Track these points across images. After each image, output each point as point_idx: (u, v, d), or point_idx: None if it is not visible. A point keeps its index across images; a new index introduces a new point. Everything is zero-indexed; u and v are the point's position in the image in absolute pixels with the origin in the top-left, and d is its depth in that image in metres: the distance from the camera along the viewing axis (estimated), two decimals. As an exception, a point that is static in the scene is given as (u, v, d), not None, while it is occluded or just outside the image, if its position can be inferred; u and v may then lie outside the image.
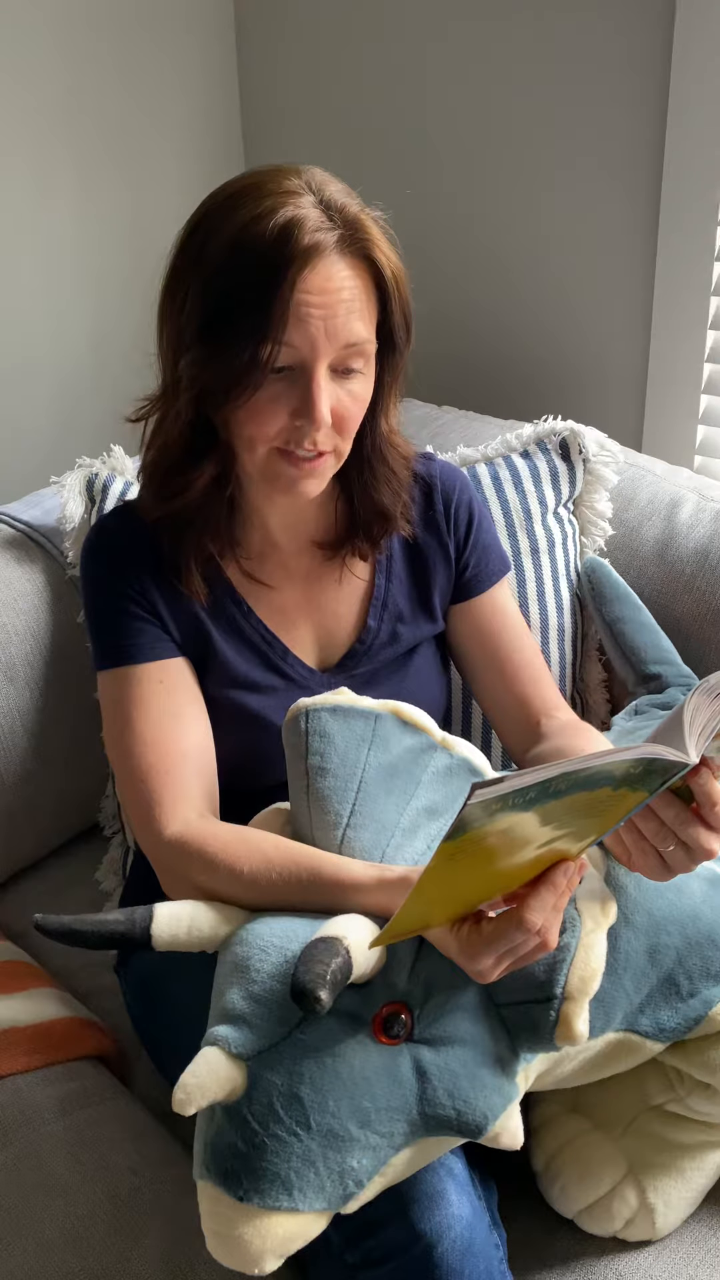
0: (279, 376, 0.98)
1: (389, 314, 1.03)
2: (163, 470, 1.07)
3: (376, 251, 0.99)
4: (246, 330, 0.95)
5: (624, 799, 0.76)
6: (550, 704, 1.16)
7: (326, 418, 0.99)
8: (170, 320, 1.02)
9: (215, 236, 0.97)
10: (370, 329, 1.01)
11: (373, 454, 1.11)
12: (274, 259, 0.94)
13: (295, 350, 0.97)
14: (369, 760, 0.94)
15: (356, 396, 1.02)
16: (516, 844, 0.73)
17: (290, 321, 0.95)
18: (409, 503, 1.17)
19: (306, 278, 0.95)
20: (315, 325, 0.96)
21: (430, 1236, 0.84)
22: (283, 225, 0.94)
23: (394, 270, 1.01)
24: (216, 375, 0.98)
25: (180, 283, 1.00)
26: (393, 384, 1.08)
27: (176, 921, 0.88)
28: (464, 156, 1.75)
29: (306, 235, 0.94)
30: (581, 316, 1.72)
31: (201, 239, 0.99)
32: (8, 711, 1.38)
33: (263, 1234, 0.79)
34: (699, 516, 1.43)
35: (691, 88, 1.48)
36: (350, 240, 0.97)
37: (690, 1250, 1.04)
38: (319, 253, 0.95)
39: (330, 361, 0.98)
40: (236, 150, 2.02)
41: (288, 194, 0.96)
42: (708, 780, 0.82)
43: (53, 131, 1.75)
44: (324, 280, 0.95)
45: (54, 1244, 0.97)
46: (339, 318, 0.96)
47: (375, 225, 1.00)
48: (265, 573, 1.14)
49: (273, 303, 0.94)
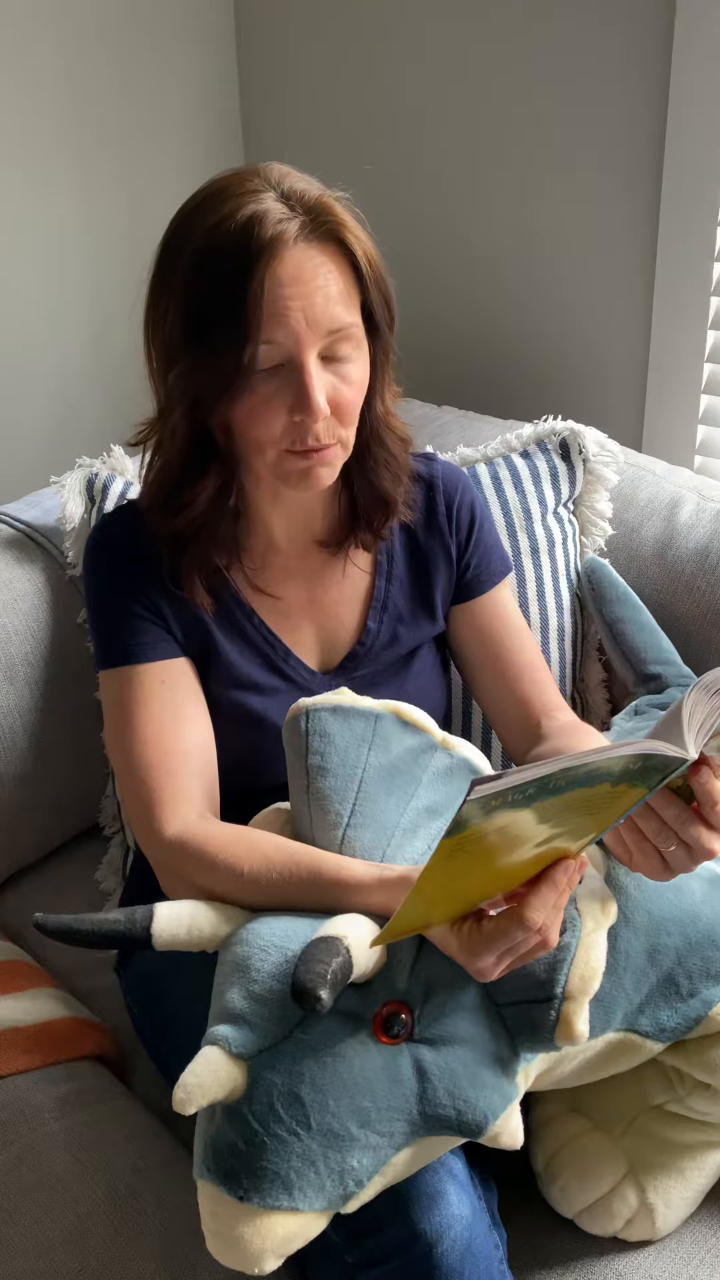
0: (271, 375, 0.98)
1: (367, 294, 1.01)
2: (167, 488, 1.06)
3: (345, 233, 0.98)
4: (227, 335, 0.95)
5: (623, 796, 0.76)
6: (551, 705, 1.16)
7: (324, 408, 0.98)
8: (156, 338, 1.02)
9: (184, 250, 0.97)
10: (354, 312, 1.00)
11: (371, 438, 1.10)
12: (240, 258, 0.94)
13: (280, 347, 0.96)
14: (369, 760, 0.94)
15: (352, 382, 1.01)
16: (515, 842, 0.73)
17: (268, 319, 0.94)
18: (410, 487, 1.16)
19: (276, 271, 0.94)
20: (295, 318, 0.95)
21: (430, 1236, 0.84)
22: (243, 223, 0.94)
23: (365, 250, 1.00)
24: (205, 384, 0.98)
25: (159, 299, 1.00)
26: (384, 365, 1.07)
27: (177, 921, 0.88)
28: (464, 156, 1.75)
29: (269, 229, 0.94)
30: (581, 316, 1.72)
31: (172, 256, 0.99)
32: (8, 711, 1.38)
33: (263, 1233, 0.79)
34: (699, 516, 1.43)
35: (691, 88, 1.48)
36: (315, 225, 0.96)
37: (690, 1250, 1.04)
38: (284, 243, 0.94)
39: (318, 351, 0.97)
40: (236, 151, 2.02)
41: (248, 194, 0.96)
42: (709, 779, 0.82)
43: (53, 131, 1.75)
44: (295, 270, 0.95)
45: (54, 1244, 0.97)
46: (317, 306, 0.96)
47: (339, 206, 0.99)
48: (268, 576, 1.14)
49: (246, 303, 0.94)
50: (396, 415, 1.13)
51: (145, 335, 1.03)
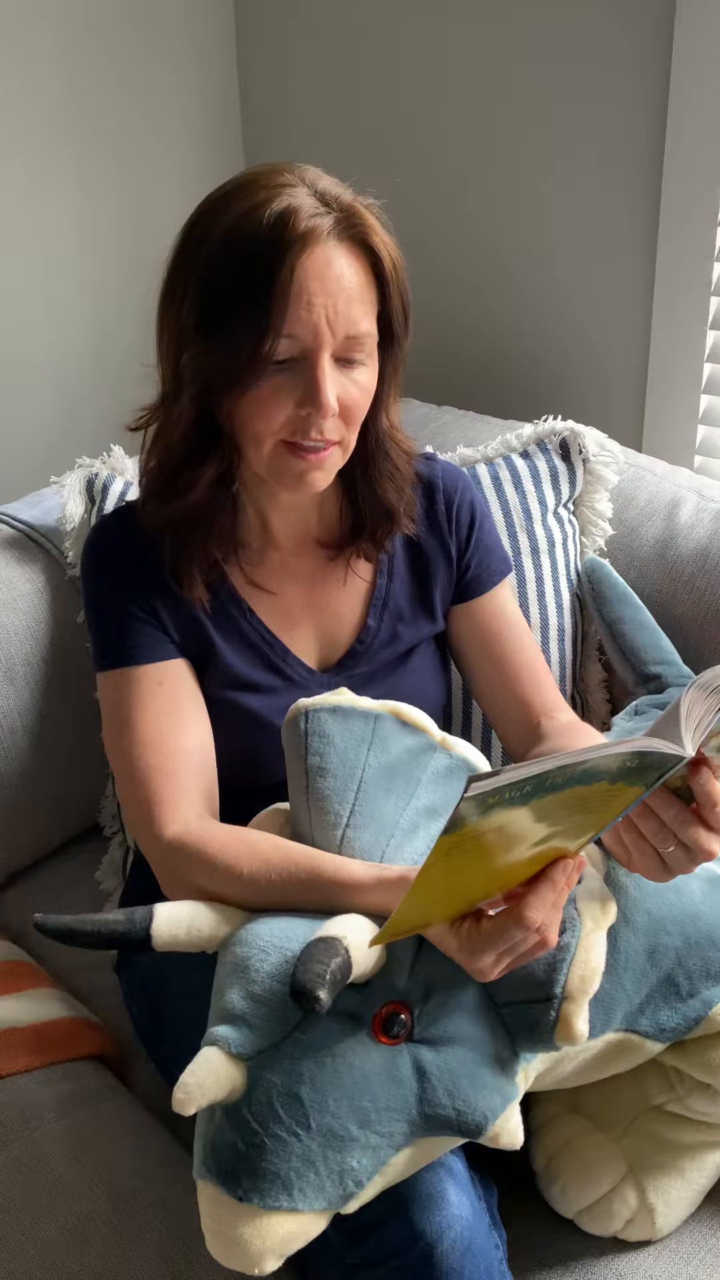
0: (282, 368, 0.98)
1: (388, 302, 1.02)
2: (166, 473, 1.06)
3: (374, 238, 0.99)
4: (247, 322, 0.95)
5: (620, 794, 0.76)
6: (551, 705, 1.16)
7: (333, 404, 0.98)
8: (170, 321, 1.01)
9: (211, 233, 0.97)
10: (372, 321, 1.00)
11: (375, 450, 1.11)
12: (271, 246, 0.94)
13: (298, 340, 0.96)
14: (368, 760, 0.94)
15: (362, 386, 1.01)
16: (513, 841, 0.73)
17: (291, 310, 0.95)
18: (413, 500, 1.16)
19: (304, 263, 0.94)
20: (317, 313, 0.95)
21: (430, 1237, 0.84)
22: (278, 214, 0.94)
23: (393, 257, 1.01)
24: (218, 369, 0.98)
25: (178, 283, 1.00)
26: (393, 377, 1.08)
27: (176, 922, 0.88)
28: (464, 156, 1.75)
29: (302, 221, 0.94)
30: (581, 316, 1.72)
31: (198, 238, 0.98)
32: (8, 711, 1.38)
33: (263, 1234, 0.79)
34: (699, 516, 1.43)
35: (691, 88, 1.48)
36: (347, 226, 0.97)
37: (690, 1250, 1.04)
38: (316, 238, 0.95)
39: (333, 351, 0.98)
40: (236, 151, 2.02)
41: (282, 186, 0.96)
42: (708, 780, 0.82)
43: (52, 131, 1.75)
44: (323, 265, 0.95)
45: (54, 1244, 0.97)
46: (340, 306, 0.96)
47: (370, 213, 1.00)
48: (266, 573, 1.14)
49: (272, 291, 0.94)
50: (401, 429, 1.14)
51: (159, 316, 1.03)
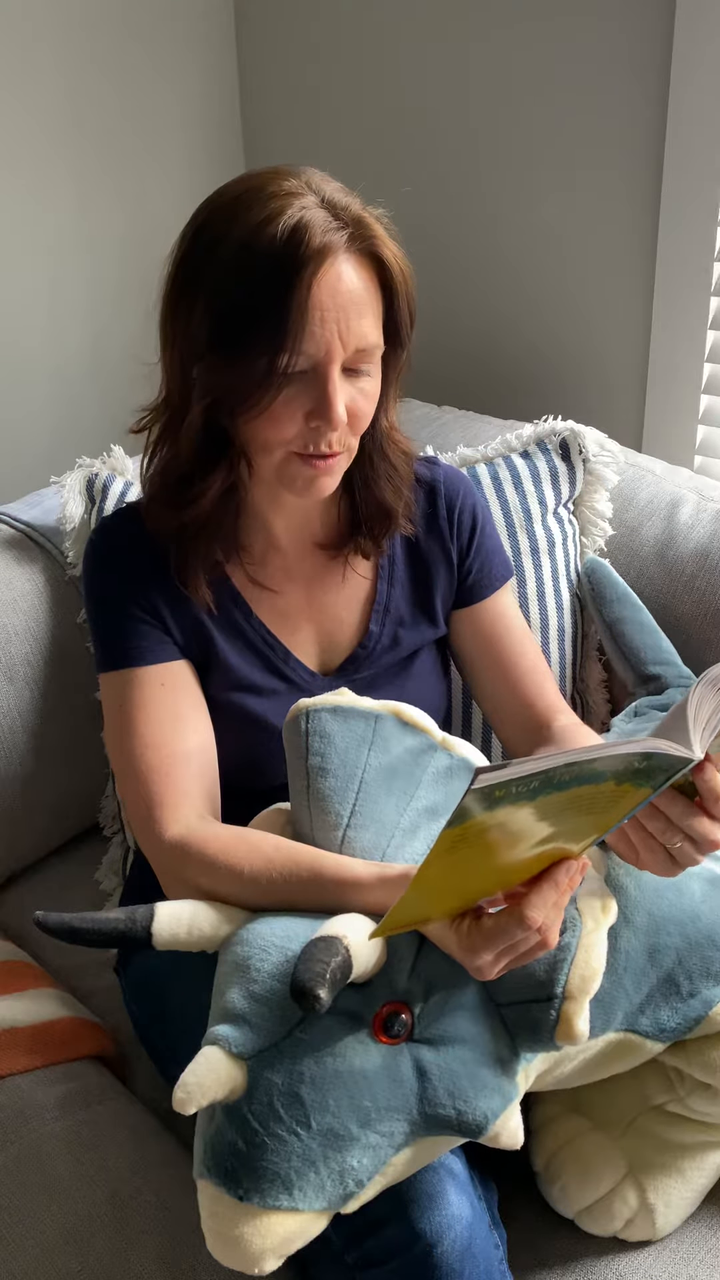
0: (291, 380, 0.98)
1: (394, 310, 1.02)
2: (173, 480, 1.06)
3: (384, 249, 0.99)
4: (263, 338, 0.95)
5: (626, 795, 0.76)
6: (553, 708, 1.16)
7: (343, 418, 0.98)
8: (178, 329, 1.01)
9: (221, 243, 0.96)
10: (379, 331, 1.01)
11: (375, 451, 1.11)
12: (286, 263, 0.93)
13: (309, 356, 0.96)
14: (369, 761, 0.94)
15: (368, 395, 1.02)
16: (515, 839, 0.73)
17: (306, 327, 0.94)
18: (411, 500, 1.16)
19: (320, 281, 0.94)
20: (329, 328, 0.95)
21: (430, 1236, 0.84)
22: (293, 228, 0.93)
23: (402, 267, 1.01)
24: (232, 384, 0.98)
25: (185, 292, 0.99)
26: (394, 380, 1.08)
27: (177, 921, 0.88)
28: (464, 157, 1.75)
29: (317, 237, 0.94)
30: (581, 316, 1.72)
31: (206, 246, 0.97)
32: (8, 711, 1.38)
33: (263, 1233, 0.79)
34: (699, 516, 1.43)
35: (691, 88, 1.48)
36: (358, 239, 0.97)
37: (690, 1250, 1.04)
38: (330, 254, 0.95)
39: (342, 362, 0.98)
40: (236, 152, 2.02)
41: (290, 195, 0.95)
42: (712, 775, 0.82)
43: (52, 134, 1.75)
44: (335, 281, 0.95)
45: (54, 1244, 0.97)
46: (351, 320, 0.96)
47: (378, 223, 1.00)
48: (268, 576, 1.14)
49: (290, 309, 0.94)
50: (400, 430, 1.14)
51: (163, 322, 1.02)
